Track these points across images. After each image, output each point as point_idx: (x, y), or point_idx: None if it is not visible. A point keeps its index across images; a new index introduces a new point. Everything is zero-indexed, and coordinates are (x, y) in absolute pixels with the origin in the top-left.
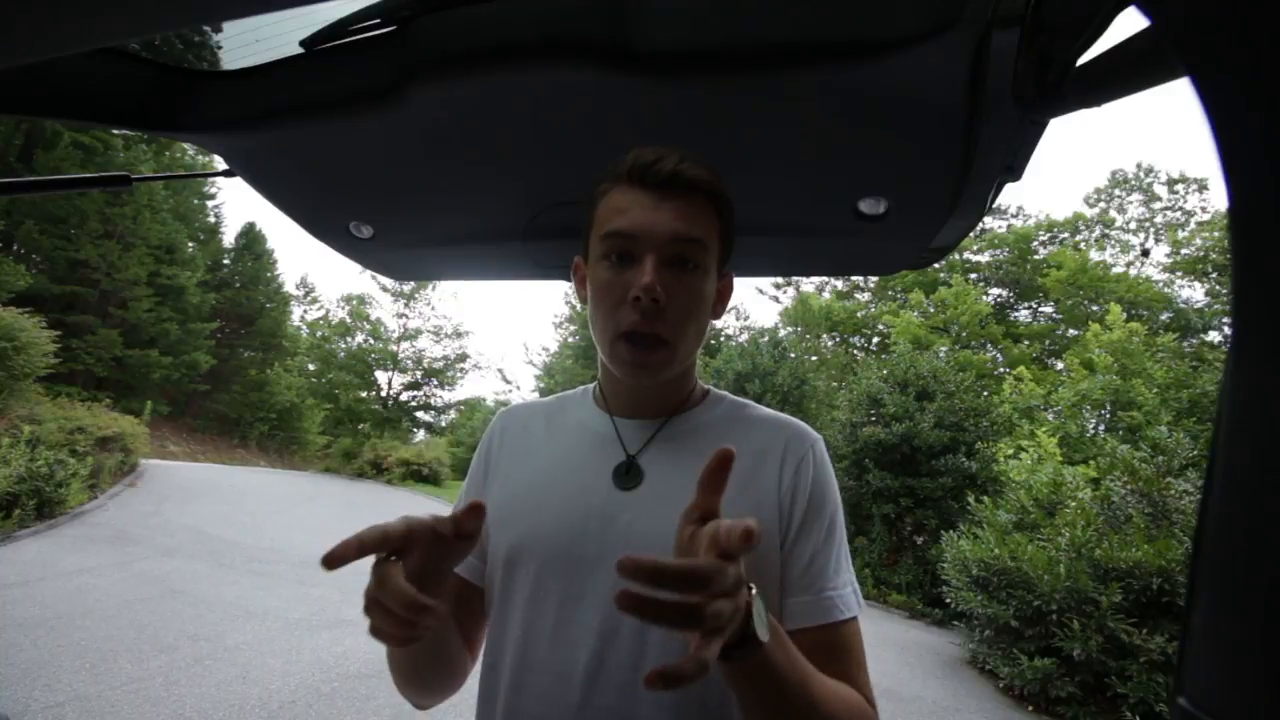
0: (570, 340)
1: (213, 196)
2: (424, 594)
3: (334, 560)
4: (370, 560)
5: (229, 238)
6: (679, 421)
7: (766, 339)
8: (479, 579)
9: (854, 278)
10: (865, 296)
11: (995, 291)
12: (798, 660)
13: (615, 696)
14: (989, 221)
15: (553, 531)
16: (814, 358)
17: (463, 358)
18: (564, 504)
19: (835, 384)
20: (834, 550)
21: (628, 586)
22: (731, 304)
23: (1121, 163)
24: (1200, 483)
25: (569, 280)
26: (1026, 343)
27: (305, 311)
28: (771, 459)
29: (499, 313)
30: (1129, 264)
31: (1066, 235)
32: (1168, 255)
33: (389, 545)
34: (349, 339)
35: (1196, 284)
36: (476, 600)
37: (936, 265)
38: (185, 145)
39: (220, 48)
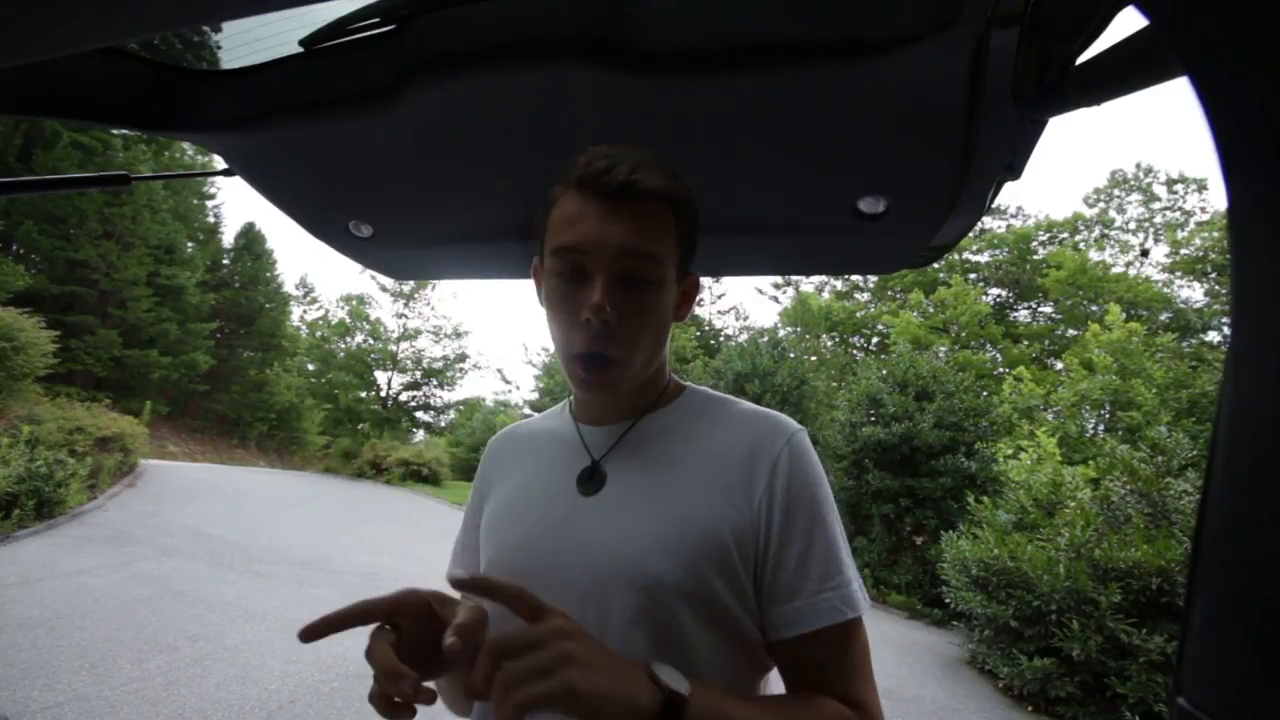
0: None
1: (212, 196)
2: (425, 666)
3: (310, 634)
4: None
5: (228, 238)
6: (646, 423)
7: (766, 339)
8: None
9: (853, 277)
10: (865, 296)
11: (995, 291)
12: (739, 709)
13: None
14: (988, 221)
15: (518, 545)
16: (813, 358)
17: (462, 358)
18: (530, 516)
19: (835, 384)
20: (825, 548)
21: (584, 593)
22: (731, 304)
23: (1121, 163)
24: (1200, 483)
25: None
26: (1026, 343)
27: (305, 311)
28: (741, 460)
29: (499, 313)
30: (1128, 264)
31: (1066, 235)
32: (1167, 255)
33: (373, 618)
34: (348, 339)
35: (1196, 284)
36: None
37: (936, 265)
38: (185, 145)
39: (220, 47)
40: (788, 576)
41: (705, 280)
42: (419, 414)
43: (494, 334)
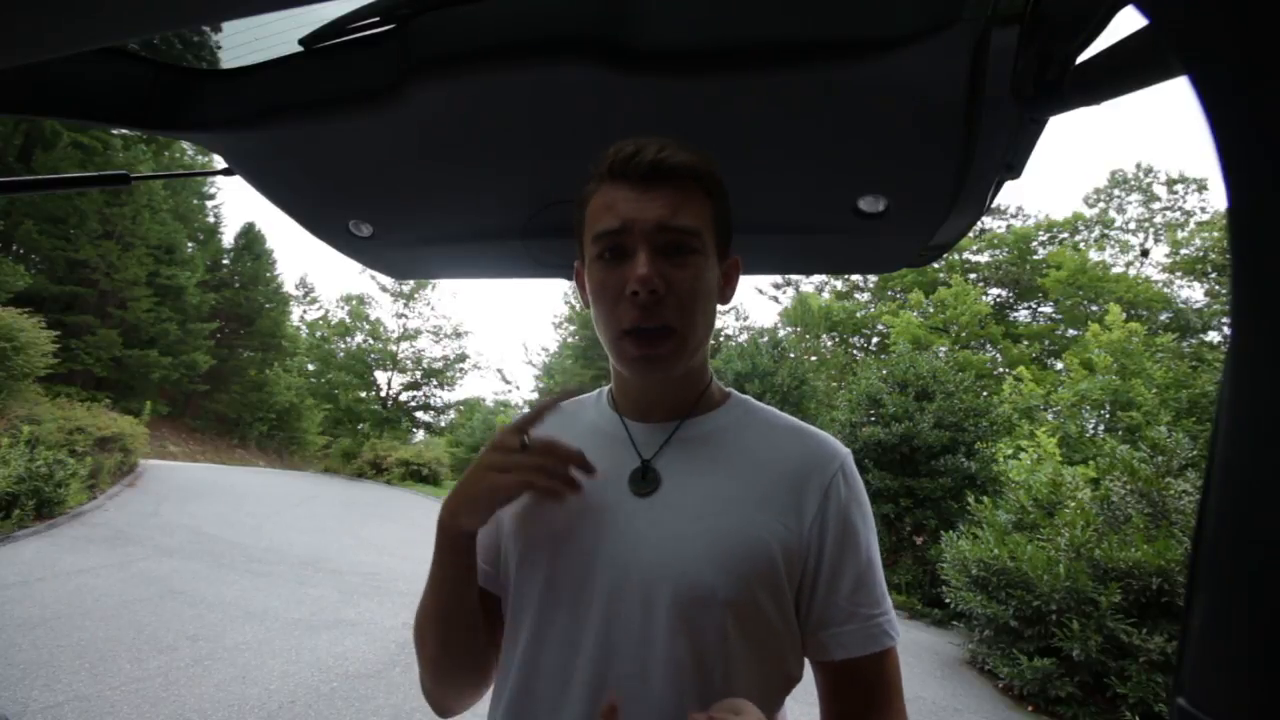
0: (570, 340)
1: (212, 196)
2: None
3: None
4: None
5: (228, 238)
6: (694, 424)
7: (766, 339)
8: (494, 586)
9: (853, 277)
10: (865, 296)
11: (995, 291)
12: None
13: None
14: (988, 221)
15: (563, 536)
16: (813, 358)
17: (462, 358)
18: (575, 508)
19: (835, 384)
20: (875, 575)
21: (632, 594)
22: (731, 304)
23: (1121, 163)
24: (1200, 483)
25: (569, 279)
26: (1026, 343)
27: (305, 311)
28: (790, 478)
29: (499, 313)
30: (1128, 264)
31: (1066, 235)
32: (1167, 255)
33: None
34: (348, 339)
35: (1196, 284)
36: (494, 606)
37: (936, 265)
38: (184, 145)
39: (220, 47)
40: (842, 600)
41: None
42: (419, 414)
43: (494, 334)
